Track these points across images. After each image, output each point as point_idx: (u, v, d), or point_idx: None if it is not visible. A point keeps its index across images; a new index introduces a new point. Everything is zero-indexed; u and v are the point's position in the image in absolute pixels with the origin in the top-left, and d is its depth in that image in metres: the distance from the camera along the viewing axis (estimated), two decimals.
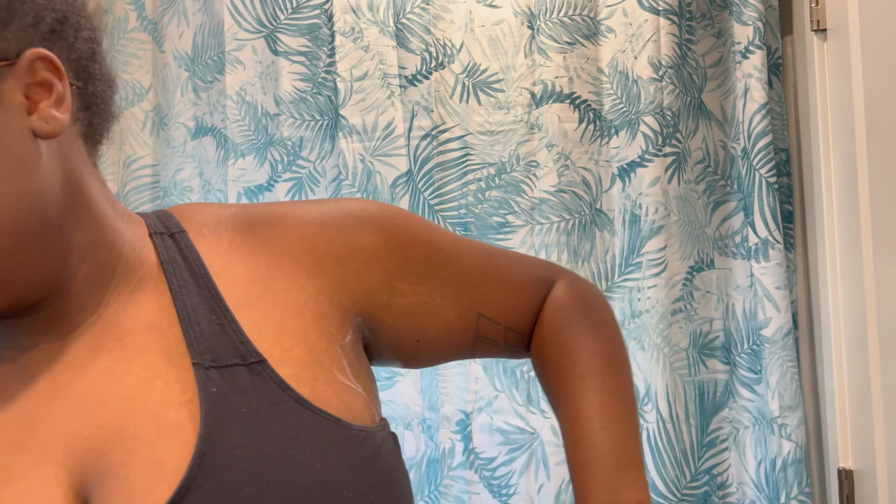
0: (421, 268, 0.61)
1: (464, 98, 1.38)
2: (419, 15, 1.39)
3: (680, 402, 1.32)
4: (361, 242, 0.58)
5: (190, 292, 0.52)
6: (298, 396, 0.49)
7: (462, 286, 0.63)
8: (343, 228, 0.58)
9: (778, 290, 1.30)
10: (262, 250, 0.55)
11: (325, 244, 0.57)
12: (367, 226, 0.59)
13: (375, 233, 0.59)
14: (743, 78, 1.34)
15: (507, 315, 0.66)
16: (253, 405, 0.48)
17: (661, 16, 1.34)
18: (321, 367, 0.52)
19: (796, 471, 1.28)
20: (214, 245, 0.55)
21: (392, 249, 0.59)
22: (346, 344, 0.55)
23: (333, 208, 0.59)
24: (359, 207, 0.60)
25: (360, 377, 0.55)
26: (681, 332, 1.34)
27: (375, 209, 0.61)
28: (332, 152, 1.41)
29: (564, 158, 1.35)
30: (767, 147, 1.32)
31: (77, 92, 0.50)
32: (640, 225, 1.33)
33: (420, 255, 0.61)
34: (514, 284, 0.66)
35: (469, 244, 0.66)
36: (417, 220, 0.64)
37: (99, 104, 0.53)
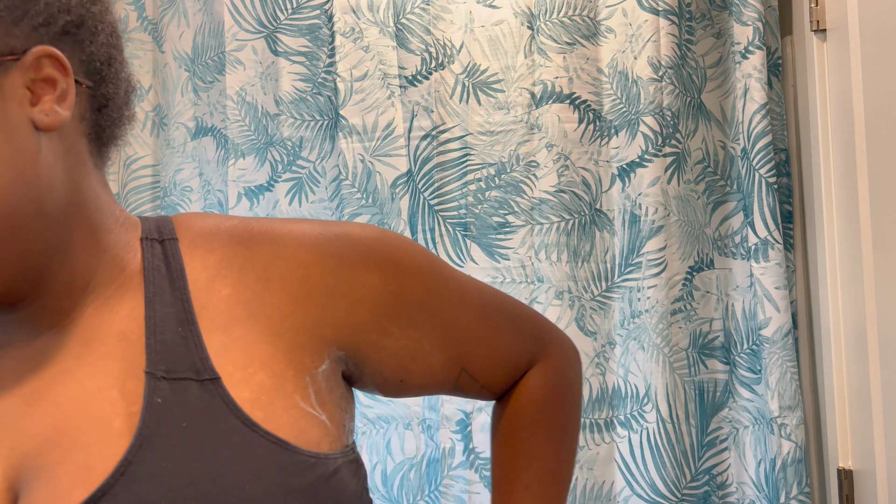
0: (415, 314, 0.59)
1: (464, 98, 1.38)
2: (419, 15, 1.39)
3: (680, 402, 1.32)
4: (359, 280, 0.56)
5: (163, 301, 0.52)
6: (245, 417, 0.49)
7: (453, 339, 0.62)
8: (344, 262, 0.56)
9: (777, 290, 1.30)
10: (252, 269, 0.54)
11: (321, 275, 0.55)
12: (370, 264, 0.57)
13: (376, 273, 0.57)
14: (742, 78, 1.34)
15: (487, 376, 0.66)
16: (194, 420, 0.48)
17: (661, 16, 1.34)
18: (282, 393, 0.51)
19: (796, 471, 1.28)
20: (205, 258, 0.55)
21: (390, 293, 0.58)
22: (317, 374, 0.54)
23: (339, 235, 0.57)
24: (365, 238, 0.58)
25: (326, 405, 0.54)
26: (680, 332, 1.34)
27: (382, 246, 0.59)
28: (332, 152, 1.41)
29: (564, 158, 1.35)
30: (767, 147, 1.32)
31: (87, 92, 0.51)
32: (639, 225, 1.34)
33: (417, 302, 0.59)
34: (502, 350, 0.66)
35: (471, 294, 0.64)
36: (424, 260, 0.62)
37: (110, 107, 0.54)
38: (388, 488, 1.35)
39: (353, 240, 0.58)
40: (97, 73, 0.52)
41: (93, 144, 0.53)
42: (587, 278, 1.35)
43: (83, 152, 0.52)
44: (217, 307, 0.53)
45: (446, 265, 0.64)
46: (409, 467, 1.35)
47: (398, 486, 1.35)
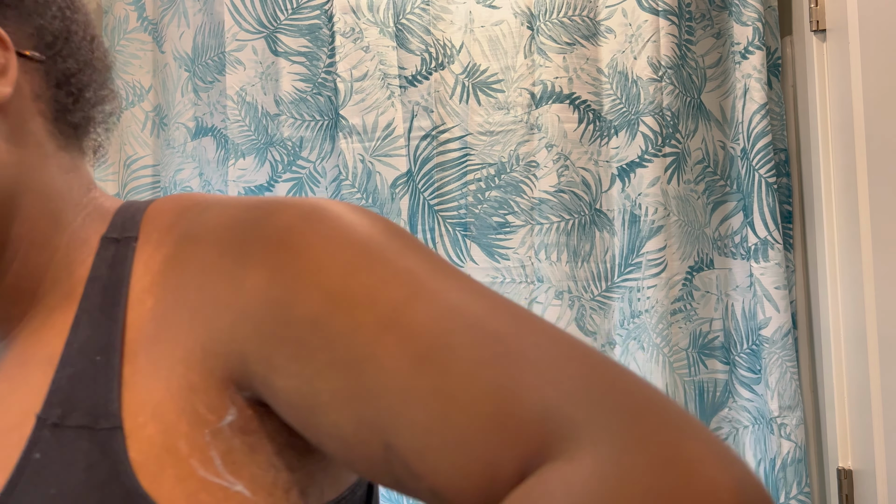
0: (305, 337, 0.37)
1: (464, 98, 1.38)
2: (419, 15, 1.39)
3: (680, 401, 1.32)
4: (245, 282, 0.39)
5: (91, 321, 0.42)
6: (133, 487, 0.37)
7: (365, 389, 0.36)
8: (240, 257, 0.40)
9: (777, 290, 1.30)
10: (181, 271, 0.43)
11: (215, 278, 0.41)
12: (264, 256, 0.39)
13: (263, 268, 0.39)
14: (742, 78, 1.34)
15: (431, 466, 0.34)
16: (69, 487, 0.37)
17: (661, 16, 1.34)
18: (174, 457, 0.38)
19: (796, 470, 1.28)
20: (152, 258, 0.44)
21: (272, 300, 0.38)
22: (223, 427, 0.39)
23: (253, 215, 0.42)
24: (279, 215, 0.41)
25: (244, 470, 0.39)
26: (680, 332, 1.34)
27: (295, 226, 0.40)
28: (333, 152, 1.41)
29: (564, 159, 1.35)
30: (767, 147, 1.32)
31: (40, 68, 0.46)
32: (639, 225, 1.34)
33: (309, 317, 0.37)
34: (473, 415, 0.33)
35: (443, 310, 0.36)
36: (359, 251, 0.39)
37: (72, 84, 0.48)
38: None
39: (262, 220, 0.41)
40: (50, 48, 0.47)
41: (54, 125, 0.47)
42: (587, 278, 1.35)
43: (37, 133, 0.46)
44: (142, 325, 0.42)
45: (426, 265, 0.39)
46: None
47: None
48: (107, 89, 0.52)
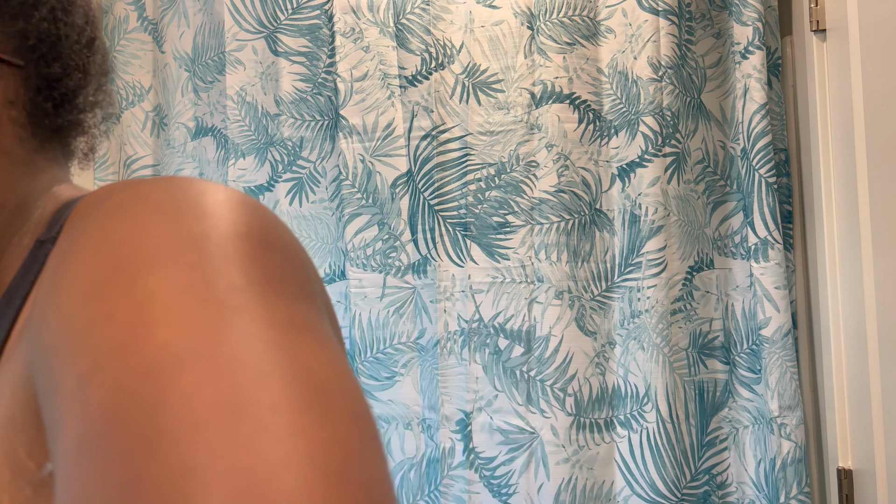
0: (46, 369, 0.31)
1: (464, 98, 1.38)
2: (419, 15, 1.39)
3: (680, 401, 1.32)
4: (55, 274, 0.34)
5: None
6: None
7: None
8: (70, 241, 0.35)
9: (777, 289, 1.30)
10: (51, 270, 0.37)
11: (51, 272, 0.35)
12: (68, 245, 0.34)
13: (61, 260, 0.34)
14: (742, 78, 1.34)
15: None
16: None
17: (661, 16, 1.34)
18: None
19: (796, 470, 1.28)
20: (53, 260, 0.38)
21: (42, 311, 0.33)
22: (45, 479, 0.32)
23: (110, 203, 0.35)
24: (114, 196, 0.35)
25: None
26: (680, 332, 1.34)
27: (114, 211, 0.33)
28: (333, 152, 1.41)
29: (564, 159, 1.35)
30: (767, 147, 1.32)
31: (19, 73, 0.44)
32: (639, 225, 1.34)
33: (48, 347, 0.31)
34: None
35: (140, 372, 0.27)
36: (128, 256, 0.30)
37: (55, 89, 0.46)
38: None
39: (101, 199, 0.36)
40: (33, 51, 0.44)
41: (28, 130, 0.45)
42: (587, 278, 1.35)
43: (2, 139, 0.43)
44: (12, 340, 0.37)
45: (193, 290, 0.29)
46: (409, 467, 1.35)
47: (398, 485, 1.35)
48: (102, 94, 0.50)
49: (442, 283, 1.37)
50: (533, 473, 1.32)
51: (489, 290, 1.35)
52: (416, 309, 1.38)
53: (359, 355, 1.37)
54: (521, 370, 1.34)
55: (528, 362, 1.34)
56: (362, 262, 1.37)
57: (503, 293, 1.35)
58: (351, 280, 1.37)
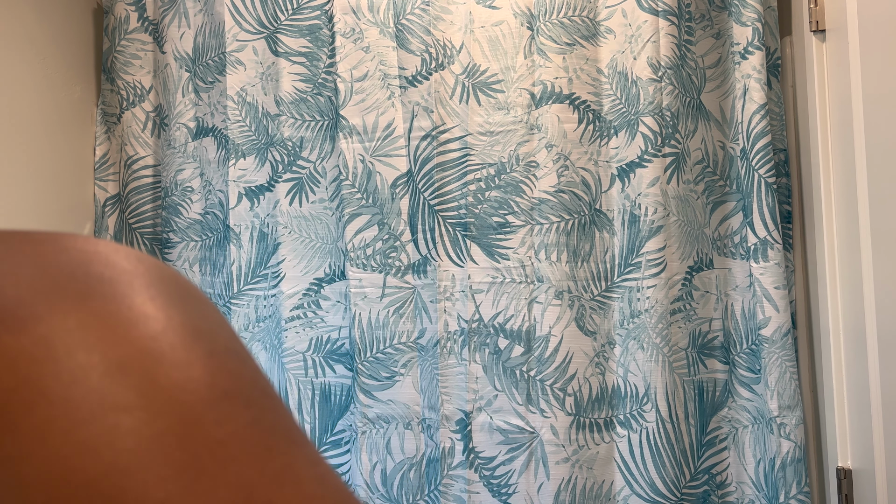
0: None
1: (464, 99, 1.38)
2: (419, 16, 1.39)
3: (679, 401, 1.32)
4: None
5: None
6: None
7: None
8: None
9: (777, 289, 1.30)
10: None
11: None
12: None
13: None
14: (742, 78, 1.34)
15: None
16: None
17: (661, 17, 1.34)
18: None
19: (795, 470, 1.28)
20: None
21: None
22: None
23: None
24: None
25: None
26: (680, 332, 1.34)
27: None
28: (333, 153, 1.42)
29: (564, 159, 1.35)
30: (766, 147, 1.32)
31: None
32: (639, 225, 1.34)
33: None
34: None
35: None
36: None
37: None
38: (388, 488, 1.36)
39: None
40: None
41: None
42: (587, 278, 1.35)
43: None
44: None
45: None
46: (408, 467, 1.36)
47: (398, 485, 1.36)
48: None
49: (442, 283, 1.37)
50: (533, 473, 1.32)
51: (489, 290, 1.36)
52: (416, 309, 1.38)
53: (359, 355, 1.37)
54: (520, 370, 1.34)
55: (527, 362, 1.34)
56: (362, 262, 1.37)
57: (503, 293, 1.35)
58: (351, 280, 1.38)
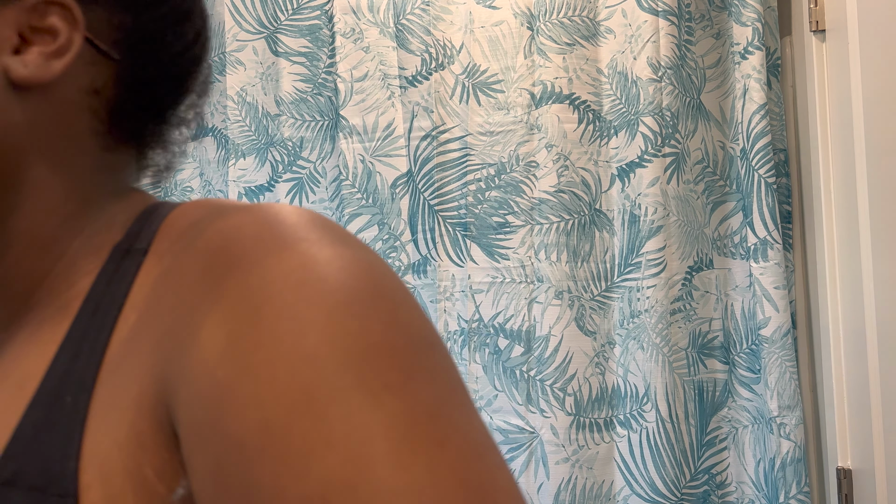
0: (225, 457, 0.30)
1: (464, 99, 1.38)
2: (419, 16, 1.39)
3: (679, 401, 1.32)
4: (202, 329, 0.32)
5: (75, 349, 0.36)
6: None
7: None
8: (214, 287, 0.33)
9: (777, 289, 1.30)
10: (166, 287, 0.36)
11: (182, 305, 0.34)
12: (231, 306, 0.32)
13: (223, 325, 0.32)
14: (742, 78, 1.34)
15: None
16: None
17: (661, 17, 1.34)
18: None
19: (795, 470, 1.28)
20: (151, 273, 0.38)
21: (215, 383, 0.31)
22: (171, 503, 0.32)
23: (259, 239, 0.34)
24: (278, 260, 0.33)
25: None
26: (680, 332, 1.34)
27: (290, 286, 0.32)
28: (333, 153, 1.42)
29: (564, 159, 1.35)
30: (766, 147, 1.32)
31: (113, 66, 0.42)
32: (639, 225, 1.34)
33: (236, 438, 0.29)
34: None
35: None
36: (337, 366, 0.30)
37: (143, 93, 0.44)
38: None
39: (257, 259, 0.33)
40: (133, 50, 0.43)
41: (104, 125, 0.43)
42: (587, 278, 1.35)
43: (77, 126, 0.42)
44: (116, 350, 0.36)
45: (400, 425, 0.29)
46: None
47: None
48: (193, 113, 0.49)
49: (442, 283, 1.37)
50: (532, 473, 1.32)
51: (489, 290, 1.36)
52: None
53: None
54: (520, 370, 1.34)
55: (527, 362, 1.34)
56: None
57: (503, 293, 1.35)
58: None
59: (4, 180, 0.39)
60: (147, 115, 0.45)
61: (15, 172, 0.40)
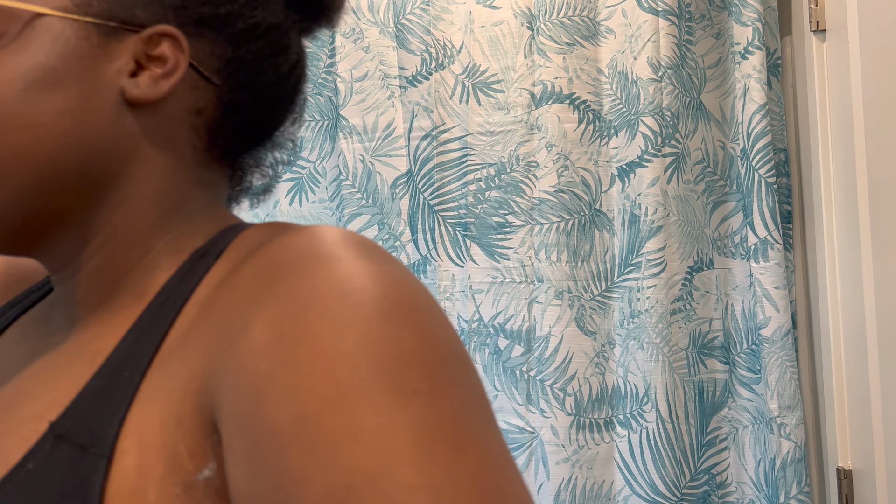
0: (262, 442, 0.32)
1: (464, 98, 1.38)
2: (419, 16, 1.39)
3: (679, 401, 1.32)
4: (250, 327, 0.35)
5: (140, 332, 0.41)
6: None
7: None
8: (265, 287, 0.37)
9: (777, 289, 1.30)
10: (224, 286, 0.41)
11: (234, 302, 0.38)
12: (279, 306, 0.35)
13: (270, 323, 0.35)
14: (742, 78, 1.34)
15: None
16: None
17: (661, 16, 1.34)
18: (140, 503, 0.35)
19: (795, 470, 1.28)
20: (218, 273, 0.43)
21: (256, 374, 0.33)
22: (196, 482, 0.35)
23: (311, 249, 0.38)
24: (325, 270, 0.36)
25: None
26: (680, 332, 1.34)
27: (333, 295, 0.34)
28: (333, 153, 1.41)
29: (564, 159, 1.35)
30: (766, 147, 1.32)
31: (213, 90, 0.48)
32: (639, 225, 1.34)
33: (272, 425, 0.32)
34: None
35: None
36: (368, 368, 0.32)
37: (239, 117, 0.49)
38: None
39: (307, 265, 0.37)
40: (232, 77, 0.48)
41: (203, 142, 0.49)
42: (587, 278, 1.35)
43: (179, 141, 0.47)
44: (174, 338, 0.40)
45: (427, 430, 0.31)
46: None
47: None
48: (286, 139, 0.54)
49: (442, 283, 1.37)
50: (533, 473, 1.32)
51: (489, 290, 1.36)
52: None
53: None
54: (520, 370, 1.34)
55: (527, 362, 1.34)
56: None
57: (503, 293, 1.35)
58: None
59: (114, 182, 0.45)
60: (242, 136, 0.51)
61: (122, 175, 0.45)
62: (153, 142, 0.46)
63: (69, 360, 0.43)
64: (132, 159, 0.46)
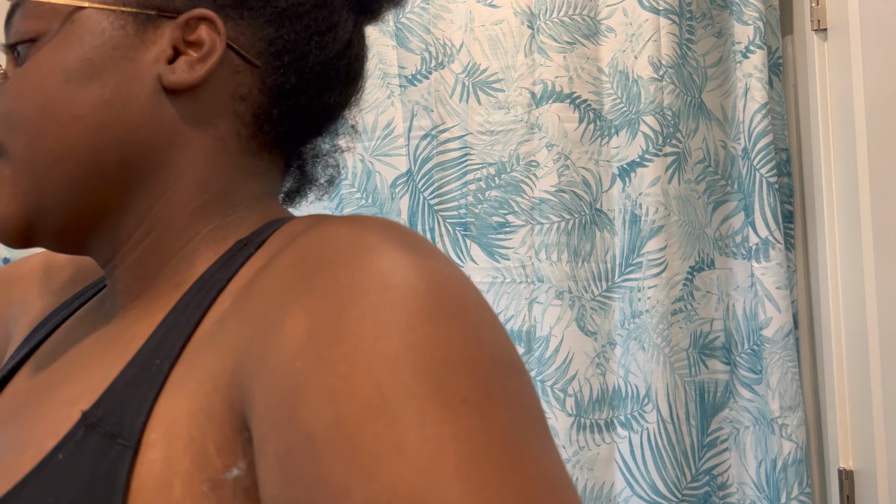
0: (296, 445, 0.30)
1: (464, 98, 1.38)
2: (419, 14, 1.39)
3: (680, 402, 1.31)
4: (285, 320, 0.33)
5: (176, 320, 0.40)
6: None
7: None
8: (301, 279, 0.35)
9: (778, 290, 1.30)
10: (260, 276, 0.39)
11: (269, 293, 0.36)
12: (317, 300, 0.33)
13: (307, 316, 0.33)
14: (743, 78, 1.34)
15: None
16: (68, 499, 0.34)
17: (662, 15, 1.34)
18: (164, 498, 0.33)
19: (797, 471, 1.28)
20: (256, 263, 0.42)
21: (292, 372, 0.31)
22: (225, 481, 0.33)
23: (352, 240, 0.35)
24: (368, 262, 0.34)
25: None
26: (681, 333, 1.34)
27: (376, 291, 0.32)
28: None
29: (564, 158, 1.35)
30: (768, 147, 1.32)
31: (259, 74, 0.46)
32: (640, 225, 1.33)
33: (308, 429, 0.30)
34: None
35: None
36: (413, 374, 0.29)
37: (291, 102, 0.47)
38: None
39: (348, 258, 0.34)
40: (276, 58, 0.46)
41: (248, 130, 0.47)
42: (587, 278, 1.35)
43: (223, 128, 0.46)
44: (207, 328, 0.39)
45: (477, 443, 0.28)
46: None
47: None
48: (342, 124, 0.52)
49: None
50: None
51: (489, 290, 1.35)
52: None
53: None
54: None
55: (528, 362, 1.33)
56: None
57: (503, 293, 1.35)
58: None
59: (155, 171, 0.44)
60: (292, 123, 0.48)
61: (165, 164, 0.44)
62: (194, 129, 0.45)
63: (107, 347, 0.43)
64: (173, 147, 0.44)
